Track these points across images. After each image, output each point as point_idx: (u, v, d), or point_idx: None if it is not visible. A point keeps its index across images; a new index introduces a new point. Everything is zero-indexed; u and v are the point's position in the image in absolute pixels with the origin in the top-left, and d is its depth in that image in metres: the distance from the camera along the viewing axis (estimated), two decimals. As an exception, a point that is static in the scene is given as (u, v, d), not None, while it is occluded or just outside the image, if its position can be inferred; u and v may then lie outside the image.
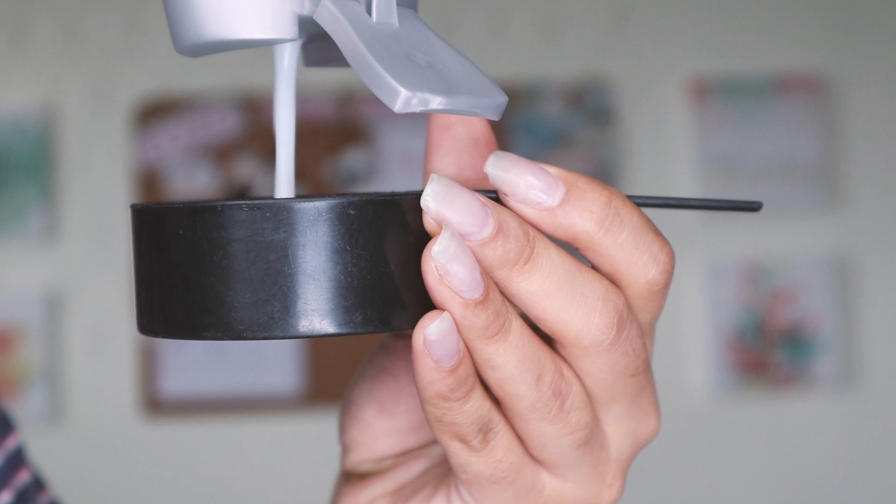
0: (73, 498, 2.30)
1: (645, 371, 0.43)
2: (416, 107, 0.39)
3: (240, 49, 0.42)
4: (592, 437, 0.43)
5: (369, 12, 0.41)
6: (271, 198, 0.40)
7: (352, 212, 0.39)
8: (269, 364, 2.41)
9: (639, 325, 0.42)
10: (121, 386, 2.42)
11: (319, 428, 2.41)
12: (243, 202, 0.39)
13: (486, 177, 0.44)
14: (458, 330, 0.39)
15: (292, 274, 0.39)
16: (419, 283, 0.40)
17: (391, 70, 0.39)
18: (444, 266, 0.39)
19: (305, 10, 0.41)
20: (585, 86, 2.47)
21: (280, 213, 0.39)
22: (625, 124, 2.48)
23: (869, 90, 2.49)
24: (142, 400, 2.42)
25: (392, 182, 2.45)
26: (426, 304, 0.40)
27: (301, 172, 2.45)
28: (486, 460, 0.42)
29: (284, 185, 0.43)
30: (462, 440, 0.41)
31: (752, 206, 0.44)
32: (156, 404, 2.41)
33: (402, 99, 0.39)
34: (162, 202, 0.41)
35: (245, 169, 2.45)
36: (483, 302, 0.39)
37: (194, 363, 2.41)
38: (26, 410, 2.36)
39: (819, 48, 2.49)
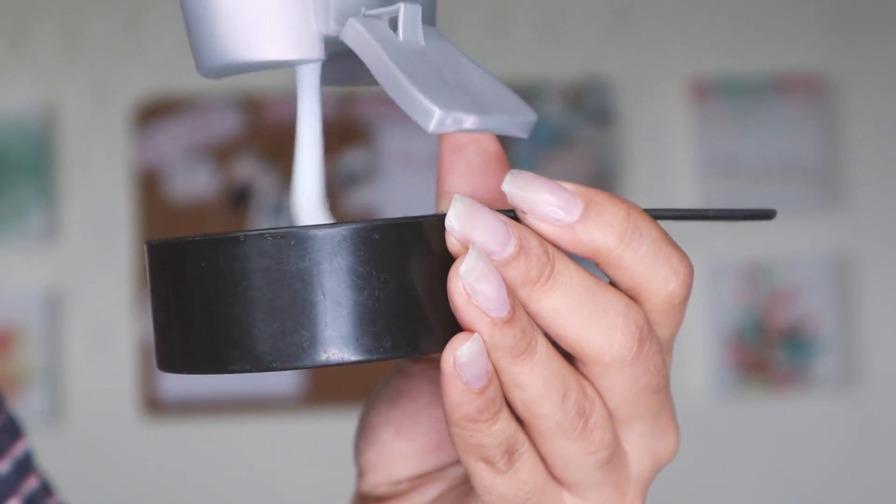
0: (74, 498, 2.29)
1: (665, 388, 0.43)
2: (449, 127, 0.39)
3: (264, 70, 0.42)
4: (614, 457, 0.42)
5: (394, 31, 0.41)
6: (293, 226, 0.40)
7: (376, 236, 0.38)
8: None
9: (659, 341, 0.42)
10: (121, 386, 2.42)
11: (319, 428, 2.41)
12: (266, 231, 0.38)
13: (500, 196, 0.44)
14: (486, 350, 0.39)
15: (319, 302, 0.38)
16: (444, 304, 0.39)
17: (424, 90, 0.39)
18: (471, 285, 0.38)
19: (331, 29, 0.41)
20: (585, 86, 2.47)
21: (304, 241, 0.38)
22: (625, 124, 2.48)
23: (869, 90, 2.49)
24: (142, 400, 2.42)
25: (392, 182, 2.45)
26: (452, 326, 0.40)
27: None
28: (511, 482, 0.42)
29: (310, 208, 0.42)
30: (488, 462, 0.41)
31: (767, 214, 0.44)
32: (156, 404, 2.41)
33: (437, 119, 0.38)
34: (179, 237, 0.40)
35: (245, 169, 2.45)
36: (510, 321, 0.39)
37: (194, 363, 2.41)
38: (26, 410, 2.36)
39: (819, 48, 2.49)
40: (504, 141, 0.44)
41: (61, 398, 2.42)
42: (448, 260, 0.40)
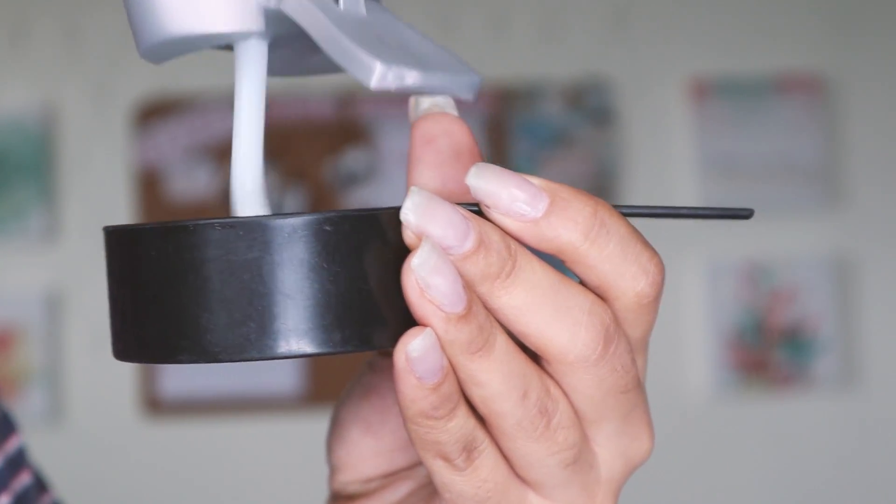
0: (73, 498, 2.29)
1: (636, 388, 0.42)
2: (392, 82, 0.38)
3: (206, 47, 0.41)
4: (581, 457, 0.41)
5: (336, 2, 0.40)
6: (244, 216, 0.39)
7: (327, 228, 0.38)
8: (269, 364, 2.41)
9: (627, 340, 0.41)
10: (121, 386, 2.42)
11: (319, 428, 2.40)
12: (216, 220, 0.38)
13: (469, 189, 0.42)
14: (441, 346, 0.38)
15: (267, 293, 0.37)
16: (400, 299, 0.39)
17: (365, 46, 0.38)
18: (424, 279, 0.38)
19: (271, 3, 0.40)
20: (585, 86, 2.47)
21: (254, 230, 0.37)
22: (625, 124, 2.48)
23: (869, 90, 2.48)
24: (142, 400, 2.42)
25: (392, 182, 2.45)
26: (408, 320, 0.39)
27: (301, 173, 2.45)
28: (469, 480, 0.41)
29: (247, 200, 0.41)
30: (445, 459, 0.40)
31: (744, 214, 0.43)
32: (156, 404, 2.41)
33: (378, 73, 0.38)
34: (134, 224, 0.40)
35: (245, 169, 2.45)
36: (466, 316, 0.38)
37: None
38: (26, 410, 2.36)
39: (819, 48, 2.49)
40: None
41: (61, 398, 2.42)
42: (405, 254, 0.39)
